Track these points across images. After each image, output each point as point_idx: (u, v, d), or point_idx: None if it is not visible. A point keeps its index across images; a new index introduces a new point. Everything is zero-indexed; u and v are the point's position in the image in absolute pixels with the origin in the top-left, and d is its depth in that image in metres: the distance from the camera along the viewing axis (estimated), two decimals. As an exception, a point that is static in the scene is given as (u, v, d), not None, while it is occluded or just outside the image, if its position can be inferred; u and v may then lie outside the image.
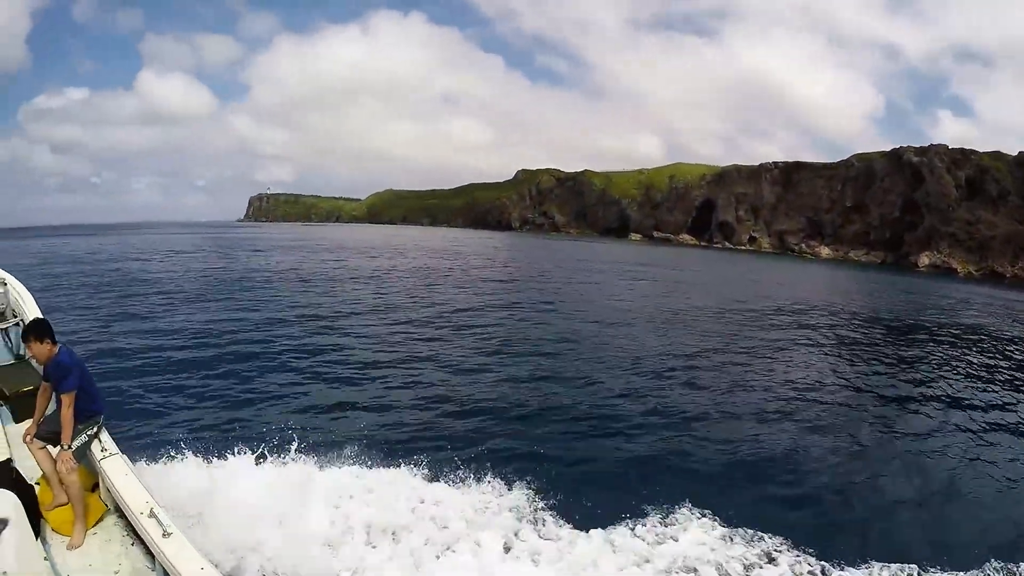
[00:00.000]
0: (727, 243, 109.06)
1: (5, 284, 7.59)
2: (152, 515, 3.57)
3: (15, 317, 7.18)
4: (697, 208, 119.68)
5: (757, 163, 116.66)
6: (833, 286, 41.74)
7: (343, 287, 24.94)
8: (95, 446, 4.35)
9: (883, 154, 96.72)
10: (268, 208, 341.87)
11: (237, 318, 16.89)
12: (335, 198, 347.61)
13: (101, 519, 4.15)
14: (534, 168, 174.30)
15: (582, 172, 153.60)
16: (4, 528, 3.01)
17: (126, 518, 3.96)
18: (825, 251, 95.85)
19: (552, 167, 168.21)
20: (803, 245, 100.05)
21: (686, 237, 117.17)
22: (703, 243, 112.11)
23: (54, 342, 4.22)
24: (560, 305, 22.48)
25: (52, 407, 4.47)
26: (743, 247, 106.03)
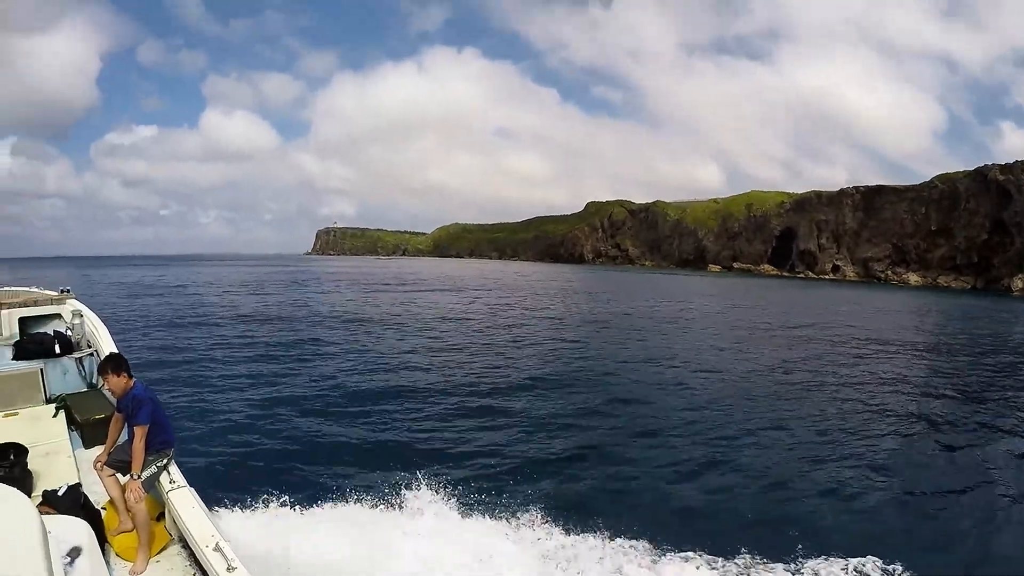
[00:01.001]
0: (810, 272, 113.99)
1: (81, 316, 8.12)
2: (217, 548, 3.77)
3: (89, 347, 7.75)
4: (777, 237, 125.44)
5: (836, 188, 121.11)
6: (941, 317, 39.90)
7: (432, 327, 25.16)
8: (164, 478, 4.64)
9: (966, 173, 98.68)
10: (335, 241, 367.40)
11: (319, 357, 17.39)
12: (401, 231, 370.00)
13: (164, 548, 4.44)
14: (603, 200, 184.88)
15: (654, 203, 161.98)
16: (78, 556, 3.18)
17: (190, 549, 4.21)
18: (914, 278, 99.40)
19: (614, 199, 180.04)
20: (889, 272, 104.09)
21: (767, 267, 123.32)
22: (785, 273, 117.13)
23: (130, 376, 4.62)
24: (667, 350, 20.88)
25: (123, 437, 4.77)
26: (827, 276, 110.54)
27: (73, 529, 3.43)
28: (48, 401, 7.01)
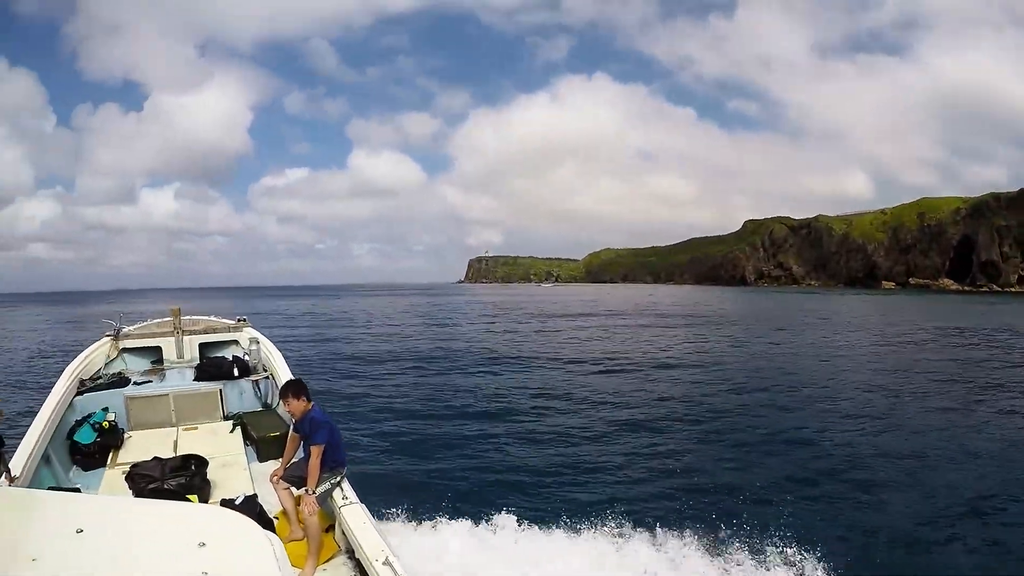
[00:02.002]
0: (993, 285, 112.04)
1: (258, 342, 9.16)
2: (387, 563, 4.01)
3: (265, 371, 8.71)
4: (955, 247, 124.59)
5: (998, 189, 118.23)
6: None
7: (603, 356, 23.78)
8: (336, 494, 5.14)
9: None
10: (487, 270, 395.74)
11: (500, 384, 17.30)
12: (551, 259, 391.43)
13: (331, 558, 4.89)
14: (757, 217, 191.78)
15: (815, 218, 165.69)
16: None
17: (356, 560, 4.59)
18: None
19: (764, 216, 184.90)
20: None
21: (947, 282, 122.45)
22: (966, 288, 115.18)
23: (309, 400, 5.20)
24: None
25: (299, 454, 5.36)
26: (1013, 289, 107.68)
27: None
28: (226, 418, 7.80)
